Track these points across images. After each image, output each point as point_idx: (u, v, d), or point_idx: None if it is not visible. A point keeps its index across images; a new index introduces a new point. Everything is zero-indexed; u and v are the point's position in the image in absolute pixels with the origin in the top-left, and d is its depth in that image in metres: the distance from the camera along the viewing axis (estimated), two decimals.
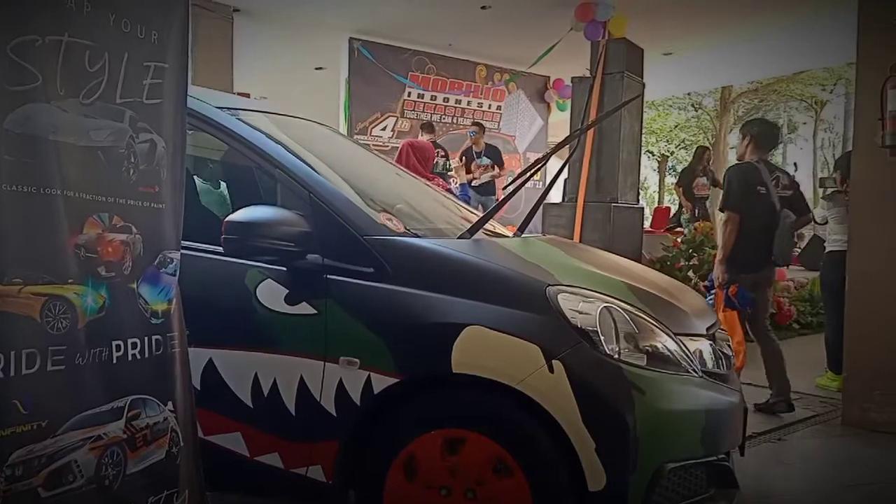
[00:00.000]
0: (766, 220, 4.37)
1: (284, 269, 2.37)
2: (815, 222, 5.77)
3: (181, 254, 1.90)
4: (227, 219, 2.33)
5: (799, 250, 13.32)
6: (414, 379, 2.27)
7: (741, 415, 2.56)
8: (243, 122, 2.68)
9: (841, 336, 4.47)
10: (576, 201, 6.92)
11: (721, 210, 4.52)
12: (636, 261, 5.49)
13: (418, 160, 6.56)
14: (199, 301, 2.18)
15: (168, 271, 1.84)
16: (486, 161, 9.20)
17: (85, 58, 1.62)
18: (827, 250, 5.30)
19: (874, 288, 4.21)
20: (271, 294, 2.36)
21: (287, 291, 2.35)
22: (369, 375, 2.25)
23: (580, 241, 6.52)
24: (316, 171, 2.53)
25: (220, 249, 2.37)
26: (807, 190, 25.19)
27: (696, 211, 10.28)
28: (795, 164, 18.97)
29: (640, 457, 2.13)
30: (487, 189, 9.07)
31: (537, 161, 3.25)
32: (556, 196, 7.79)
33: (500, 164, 9.33)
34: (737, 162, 4.70)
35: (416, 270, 2.32)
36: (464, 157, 9.40)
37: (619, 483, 2.12)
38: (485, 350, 2.20)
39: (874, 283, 4.21)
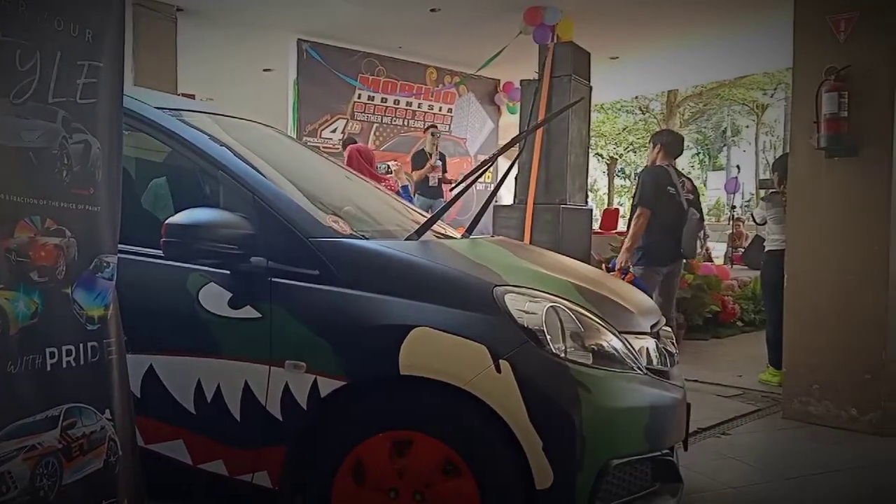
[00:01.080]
0: (676, 218, 5.00)
1: (228, 272, 2.34)
2: (755, 222, 5.96)
3: (119, 258, 1.85)
4: (166, 221, 2.28)
5: (742, 249, 13.74)
6: (361, 381, 2.26)
7: (685, 410, 2.61)
8: (185, 123, 2.63)
9: (781, 332, 4.60)
10: (526, 203, 7.00)
11: (634, 207, 5.08)
12: (584, 261, 5.57)
13: (366, 162, 6.64)
14: (139, 306, 2.13)
15: (104, 276, 1.79)
16: (439, 162, 9.26)
17: (16, 57, 1.57)
18: (766, 249, 5.46)
19: (811, 285, 4.34)
20: (214, 298, 2.33)
21: (230, 295, 2.32)
22: (316, 379, 2.23)
23: (530, 243, 6.59)
24: (260, 173, 2.49)
25: (161, 253, 2.32)
26: (750, 190, 25.97)
27: None
28: (738, 166, 19.46)
29: (586, 454, 2.16)
30: (436, 192, 9.12)
31: (483, 163, 3.26)
32: (509, 198, 7.89)
33: (444, 171, 9.41)
34: (648, 165, 5.34)
35: (362, 272, 2.31)
36: (415, 158, 9.41)
37: (566, 480, 2.14)
38: (432, 351, 2.20)
39: (811, 280, 4.34)
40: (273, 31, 9.24)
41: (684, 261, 5.49)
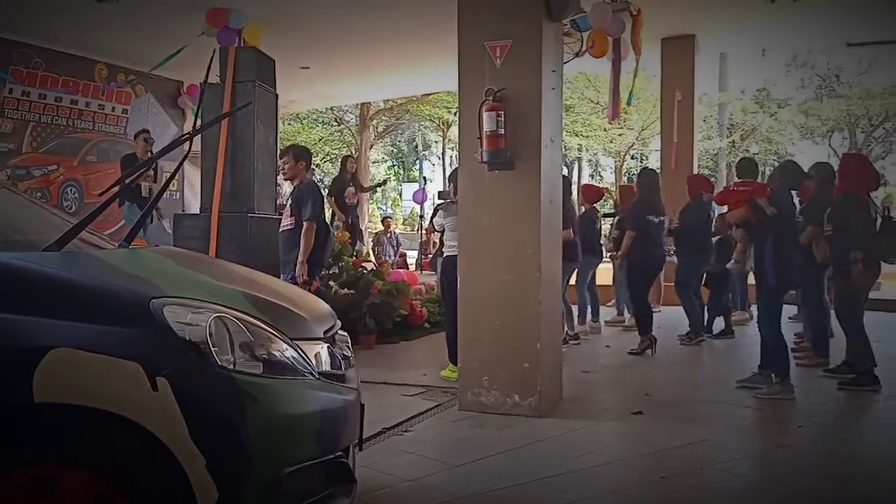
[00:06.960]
0: (326, 233, 5.93)
1: None
2: (436, 231, 6.41)
3: None
4: None
5: (431, 255, 14.74)
6: None
7: (358, 412, 2.66)
8: None
9: (457, 331, 4.96)
10: (211, 212, 6.69)
11: (305, 221, 5.71)
12: (275, 272, 5.47)
13: None
14: None
15: None
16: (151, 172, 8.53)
17: None
18: (444, 255, 5.88)
19: (479, 287, 4.75)
20: None
21: None
22: None
23: (216, 253, 6.32)
24: None
25: None
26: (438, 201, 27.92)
27: (350, 219, 10.67)
28: (425, 178, 20.86)
29: (254, 466, 2.09)
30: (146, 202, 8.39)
31: (137, 167, 3.02)
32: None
33: (156, 179, 8.70)
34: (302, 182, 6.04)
35: None
36: (125, 162, 8.57)
37: (232, 496, 2.05)
38: (75, 374, 1.97)
39: (478, 281, 4.75)
40: None
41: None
